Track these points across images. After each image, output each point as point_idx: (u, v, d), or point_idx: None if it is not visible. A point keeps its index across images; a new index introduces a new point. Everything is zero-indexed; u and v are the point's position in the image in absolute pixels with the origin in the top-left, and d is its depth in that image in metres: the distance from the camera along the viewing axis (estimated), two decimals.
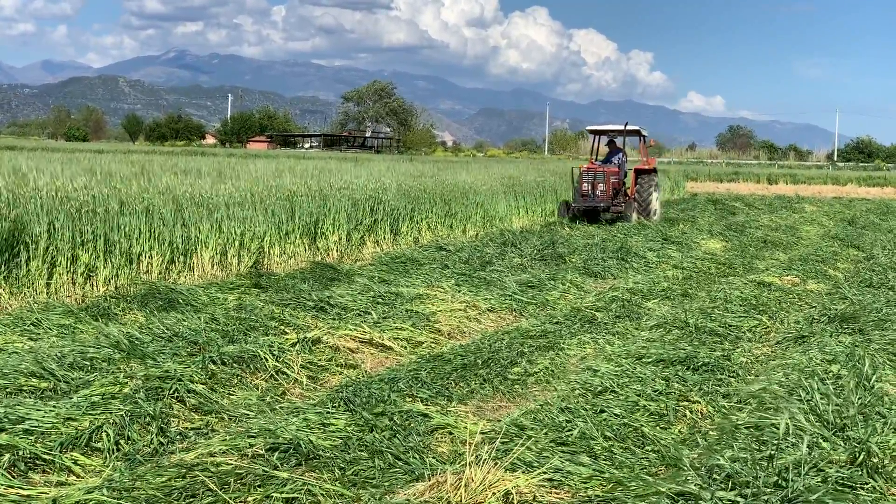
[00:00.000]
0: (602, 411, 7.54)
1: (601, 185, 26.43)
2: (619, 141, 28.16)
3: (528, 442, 6.56)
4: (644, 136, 28.87)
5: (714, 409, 8.00)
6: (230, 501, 5.50)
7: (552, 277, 14.80)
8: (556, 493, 5.74)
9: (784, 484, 5.58)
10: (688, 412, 7.86)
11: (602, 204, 26.35)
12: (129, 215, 13.78)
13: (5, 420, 6.43)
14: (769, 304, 13.04)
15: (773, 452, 6.10)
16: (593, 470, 6.10)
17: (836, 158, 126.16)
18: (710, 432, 7.29)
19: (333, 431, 6.87)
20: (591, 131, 29.90)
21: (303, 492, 5.71)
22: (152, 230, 14.01)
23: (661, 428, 7.35)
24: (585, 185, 26.71)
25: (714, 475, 5.82)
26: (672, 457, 6.49)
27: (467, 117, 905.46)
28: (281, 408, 7.73)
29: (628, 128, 28.04)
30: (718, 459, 6.08)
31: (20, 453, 6.06)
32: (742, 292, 13.84)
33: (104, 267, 13.11)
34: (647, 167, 28.22)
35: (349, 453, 6.48)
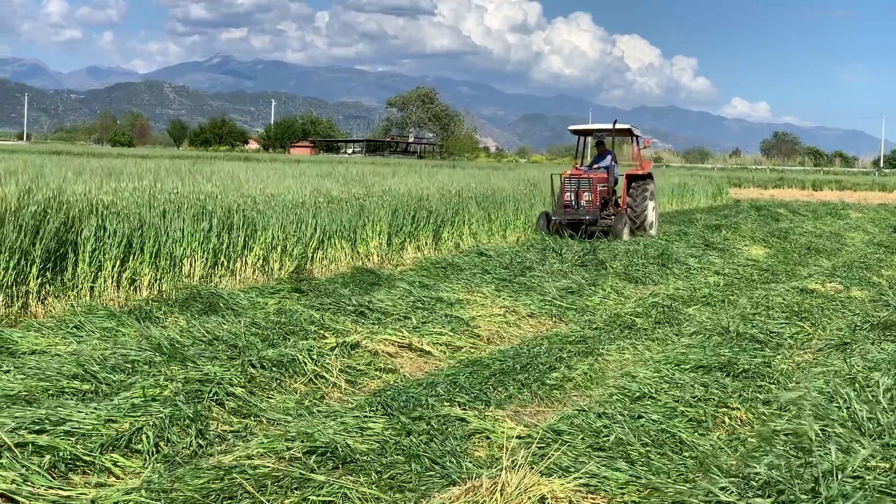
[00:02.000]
0: (640, 417, 7.51)
1: (586, 194, 22.93)
2: (609, 143, 24.78)
3: (564, 447, 6.56)
4: (637, 137, 25.61)
5: (753, 415, 7.95)
6: (267, 503, 5.53)
7: (592, 283, 14.78)
8: (591, 498, 5.74)
9: (821, 491, 5.54)
10: (727, 419, 7.82)
11: (588, 216, 22.67)
12: (177, 220, 13.90)
13: (47, 421, 6.49)
14: (811, 311, 12.95)
15: (810, 459, 6.06)
16: (630, 476, 6.09)
17: (882, 165, 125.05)
18: (749, 439, 7.24)
19: (371, 435, 6.89)
20: (574, 131, 25.92)
21: (339, 495, 5.73)
22: (197, 235, 14.11)
23: (699, 434, 7.31)
24: (568, 194, 23.20)
25: (751, 482, 5.79)
26: (709, 463, 6.46)
27: (510, 123, 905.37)
28: (319, 411, 7.76)
29: (618, 126, 24.36)
30: (756, 466, 6.04)
31: (61, 454, 6.12)
32: (784, 299, 13.76)
33: (149, 271, 13.22)
34: (640, 172, 24.57)
35: (386, 457, 6.50)
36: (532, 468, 5.77)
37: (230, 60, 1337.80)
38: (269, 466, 6.02)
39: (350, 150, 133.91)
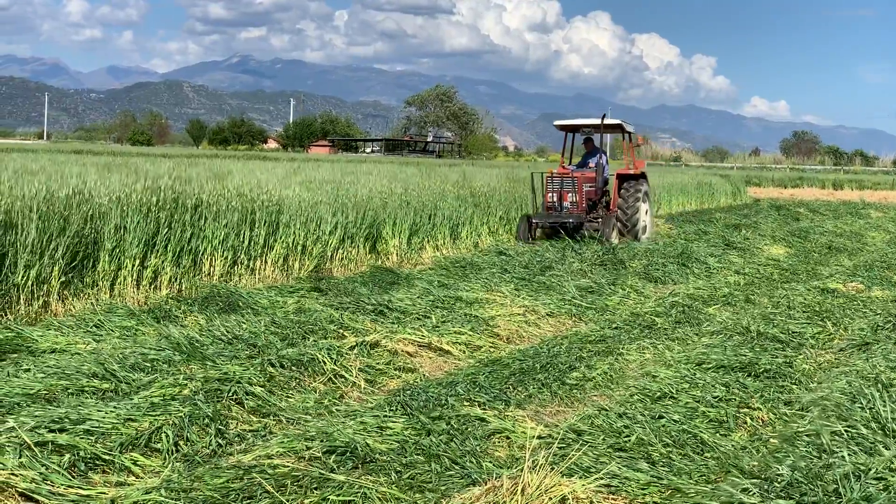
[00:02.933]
0: (661, 417, 7.48)
1: (571, 194, 21.13)
2: (597, 139, 23.08)
3: (585, 447, 6.53)
4: (629, 133, 23.75)
5: (775, 416, 7.91)
6: (287, 503, 5.52)
7: (612, 282, 14.74)
8: (612, 498, 5.71)
9: (843, 492, 5.49)
10: (748, 419, 7.78)
11: (571, 220, 20.84)
12: (201, 219, 13.93)
13: (67, 420, 6.49)
14: (833, 311, 12.88)
15: (833, 460, 6.02)
16: (651, 476, 6.05)
17: None
18: (771, 440, 7.20)
19: (390, 435, 6.87)
20: (560, 127, 23.85)
21: (359, 495, 5.71)
22: (218, 234, 14.12)
23: (720, 435, 7.28)
24: (551, 195, 21.32)
25: (773, 483, 5.75)
26: (731, 464, 6.42)
27: (528, 122, 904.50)
28: (338, 411, 7.75)
29: (607, 122, 22.64)
30: (778, 467, 6.01)
31: (80, 453, 6.12)
32: (805, 298, 13.70)
33: (169, 269, 13.24)
34: (632, 172, 22.83)
35: (406, 457, 6.48)
36: (553, 468, 5.73)
37: (249, 60, 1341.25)
38: (288, 466, 6.01)
39: (369, 150, 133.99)
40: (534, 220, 21.06)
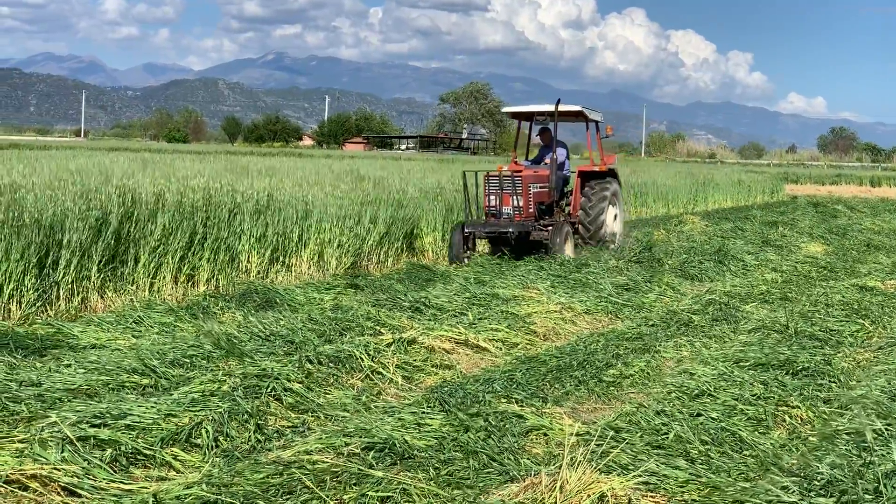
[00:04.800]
0: (699, 415, 7.46)
1: (514, 197, 17.26)
2: (561, 130, 18.42)
3: (623, 444, 6.53)
4: (596, 122, 19.80)
5: (814, 414, 7.87)
6: (326, 499, 5.55)
7: (648, 280, 14.69)
8: (651, 496, 5.70)
9: (884, 491, 5.47)
10: (787, 417, 7.74)
11: (512, 228, 16.93)
12: (237, 217, 14.03)
13: (108, 415, 6.55)
14: (871, 309, 12.79)
15: (874, 458, 5.99)
16: (689, 474, 6.04)
17: None
18: (810, 438, 7.18)
19: (428, 431, 6.89)
20: (512, 115, 20.40)
21: (398, 491, 5.73)
22: (255, 232, 14.22)
23: (759, 433, 7.25)
24: (492, 197, 17.45)
25: (813, 482, 5.73)
26: (770, 462, 6.40)
27: None
28: (376, 407, 7.77)
29: (563, 108, 18.20)
30: (817, 465, 5.98)
31: (122, 448, 6.17)
32: (843, 296, 13.61)
33: (207, 267, 13.33)
34: (598, 168, 19.14)
35: (444, 453, 6.49)
36: (591, 465, 5.73)
37: (284, 57, 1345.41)
38: (327, 462, 6.04)
39: (403, 146, 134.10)
40: (467, 231, 17.13)
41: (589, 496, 5.42)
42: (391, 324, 10.34)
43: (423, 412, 7.32)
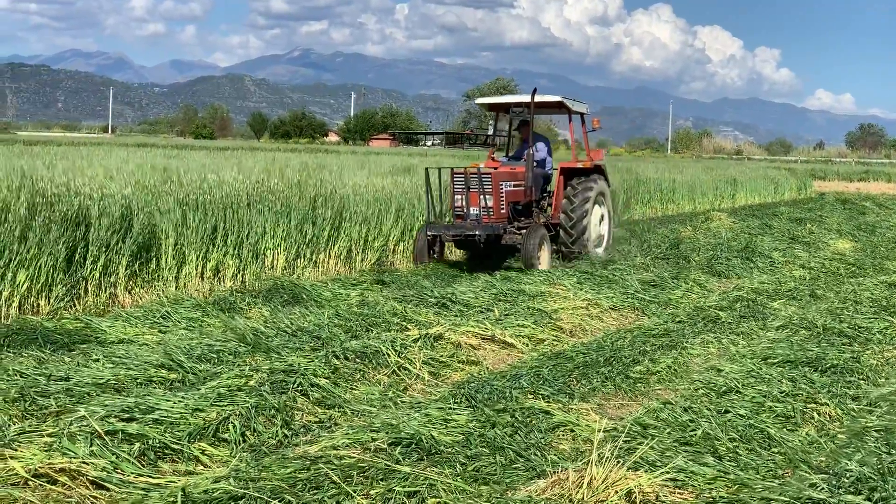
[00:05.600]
0: (726, 412, 7.43)
1: (484, 197, 15.62)
2: (551, 123, 17.94)
3: (650, 441, 6.50)
4: (581, 114, 18.00)
5: (843, 411, 7.82)
6: (353, 494, 5.54)
7: (675, 276, 14.65)
8: (679, 493, 5.67)
9: None
10: (815, 414, 7.69)
11: (479, 231, 15.19)
12: (260, 214, 14.06)
13: (136, 410, 6.57)
14: None
15: None
16: (717, 471, 6.00)
17: None
18: (839, 435, 7.14)
19: (455, 427, 6.87)
20: (488, 106, 18.25)
21: (424, 486, 5.73)
22: (280, 228, 14.24)
23: (787, 430, 7.21)
24: (458, 197, 15.94)
25: (842, 479, 5.69)
26: (799, 459, 6.36)
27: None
28: (403, 403, 7.78)
29: (540, 99, 16.82)
30: (846, 463, 5.95)
31: (150, 442, 6.19)
32: (872, 293, 13.53)
33: (232, 263, 13.37)
34: (582, 165, 17.41)
35: (470, 449, 6.48)
36: (619, 462, 5.71)
37: (310, 53, 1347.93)
38: (354, 457, 6.04)
39: (429, 143, 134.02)
40: (428, 234, 15.59)
41: (616, 492, 5.41)
42: (417, 319, 10.34)
43: (450, 408, 7.31)
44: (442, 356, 9.21)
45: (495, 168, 16.45)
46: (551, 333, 10.72)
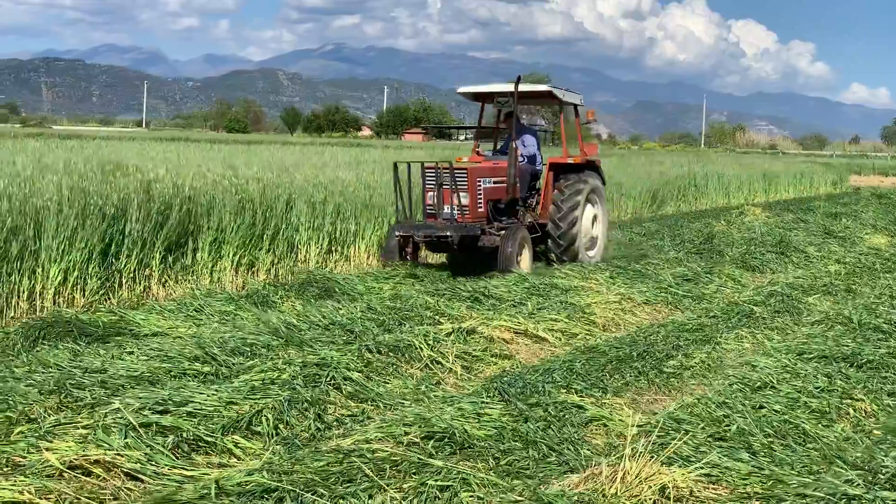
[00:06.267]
0: (761, 407, 7.39)
1: (459, 195, 14.04)
2: (533, 116, 16.57)
3: (684, 436, 6.47)
4: (574, 106, 16.67)
5: (878, 407, 7.77)
6: (386, 488, 5.54)
7: (709, 271, 14.59)
8: (713, 488, 5.64)
9: None
10: (851, 410, 7.64)
11: (450, 233, 13.64)
12: (295, 209, 14.15)
13: (170, 402, 6.60)
14: None
15: None
16: (752, 466, 5.97)
17: None
18: (875, 431, 7.09)
19: (488, 421, 6.87)
20: (472, 96, 16.71)
21: (457, 480, 5.72)
22: (314, 223, 14.31)
23: (822, 425, 7.16)
24: (430, 194, 14.42)
25: (878, 475, 5.65)
26: (834, 455, 6.32)
27: (622, 110, 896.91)
28: (435, 397, 7.78)
29: (527, 88, 15.59)
30: (882, 459, 5.90)
31: (183, 435, 6.22)
32: None
33: (266, 257, 13.43)
34: (573, 161, 15.85)
35: (503, 443, 6.48)
36: (652, 457, 5.69)
37: (343, 47, 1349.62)
38: (387, 451, 6.04)
39: (462, 137, 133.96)
40: (397, 233, 14.16)
41: (650, 487, 5.38)
42: (450, 313, 10.34)
43: (483, 402, 7.31)
44: (475, 350, 9.21)
45: (478, 163, 15.34)
46: (584, 328, 10.70)
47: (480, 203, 14.41)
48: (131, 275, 11.62)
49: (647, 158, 44.68)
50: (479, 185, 14.40)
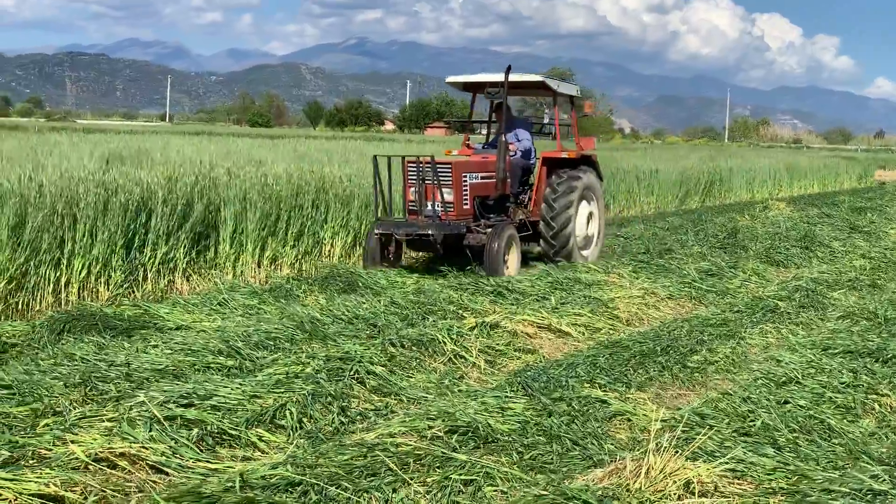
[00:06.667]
0: (786, 402, 7.36)
1: (443, 191, 13.17)
2: (529, 108, 15.50)
3: (709, 431, 6.44)
4: (570, 97, 16.05)
5: None
6: (410, 481, 5.55)
7: (733, 266, 14.54)
8: (738, 483, 5.62)
9: None
10: (876, 405, 7.60)
11: (431, 232, 12.92)
12: (317, 203, 14.18)
13: (194, 396, 6.62)
14: None
15: None
16: (777, 461, 5.94)
17: None
18: None
19: (511, 415, 6.86)
20: (462, 86, 16.04)
21: (481, 474, 5.73)
22: (337, 217, 14.33)
23: (848, 421, 7.13)
24: (411, 189, 13.44)
25: None
26: (860, 451, 6.29)
27: (645, 104, 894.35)
28: (459, 391, 7.78)
29: (518, 78, 14.62)
30: None
31: (208, 428, 6.24)
32: None
33: (290, 251, 13.46)
34: (567, 155, 15.02)
35: (527, 438, 6.48)
36: (677, 452, 5.66)
37: (365, 42, 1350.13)
38: (410, 445, 6.04)
39: (485, 131, 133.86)
40: (377, 232, 13.37)
41: (675, 482, 5.37)
42: (474, 308, 10.34)
43: (506, 396, 7.30)
44: (498, 344, 9.21)
45: (466, 157, 14.57)
46: (607, 322, 10.68)
47: (466, 199, 13.59)
48: (155, 268, 11.66)
49: (671, 153, 44.54)
50: (465, 181, 13.56)
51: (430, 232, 12.87)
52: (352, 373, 7.64)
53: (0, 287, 10.34)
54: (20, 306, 10.59)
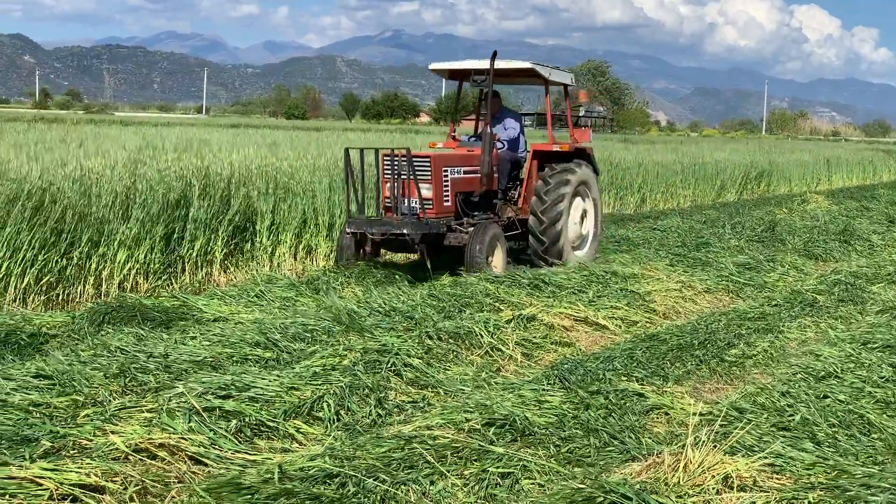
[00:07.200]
0: (825, 397, 7.32)
1: (421, 187, 12.29)
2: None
3: (747, 426, 6.42)
4: (564, 86, 15.22)
5: None
6: (447, 474, 5.56)
7: (770, 259, 14.46)
8: (776, 478, 5.59)
9: None
10: None
11: (408, 231, 12.05)
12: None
13: (232, 387, 6.64)
14: None
15: None
16: (816, 456, 5.90)
17: None
18: None
19: (548, 409, 6.86)
20: (448, 73, 15.16)
21: (518, 467, 5.73)
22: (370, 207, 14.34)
23: (887, 416, 7.07)
24: (387, 185, 12.51)
25: None
26: None
27: (681, 97, 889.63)
28: (496, 384, 7.77)
29: (505, 65, 13.56)
30: None
31: (246, 420, 6.26)
32: None
33: (325, 243, 13.48)
34: (560, 148, 14.06)
35: (564, 431, 6.47)
36: (715, 446, 5.64)
37: (401, 34, 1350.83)
38: (448, 437, 6.05)
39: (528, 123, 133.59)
40: (348, 230, 12.48)
41: (713, 477, 5.34)
42: (510, 300, 10.32)
43: (543, 389, 7.30)
44: (535, 337, 9.20)
45: (449, 149, 13.85)
46: (644, 315, 10.65)
47: (447, 196, 12.69)
48: (193, 261, 11.73)
49: (708, 145, 44.33)
50: (446, 176, 12.66)
51: (405, 231, 12.04)
52: (389, 365, 7.65)
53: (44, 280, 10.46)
54: (59, 298, 10.68)
